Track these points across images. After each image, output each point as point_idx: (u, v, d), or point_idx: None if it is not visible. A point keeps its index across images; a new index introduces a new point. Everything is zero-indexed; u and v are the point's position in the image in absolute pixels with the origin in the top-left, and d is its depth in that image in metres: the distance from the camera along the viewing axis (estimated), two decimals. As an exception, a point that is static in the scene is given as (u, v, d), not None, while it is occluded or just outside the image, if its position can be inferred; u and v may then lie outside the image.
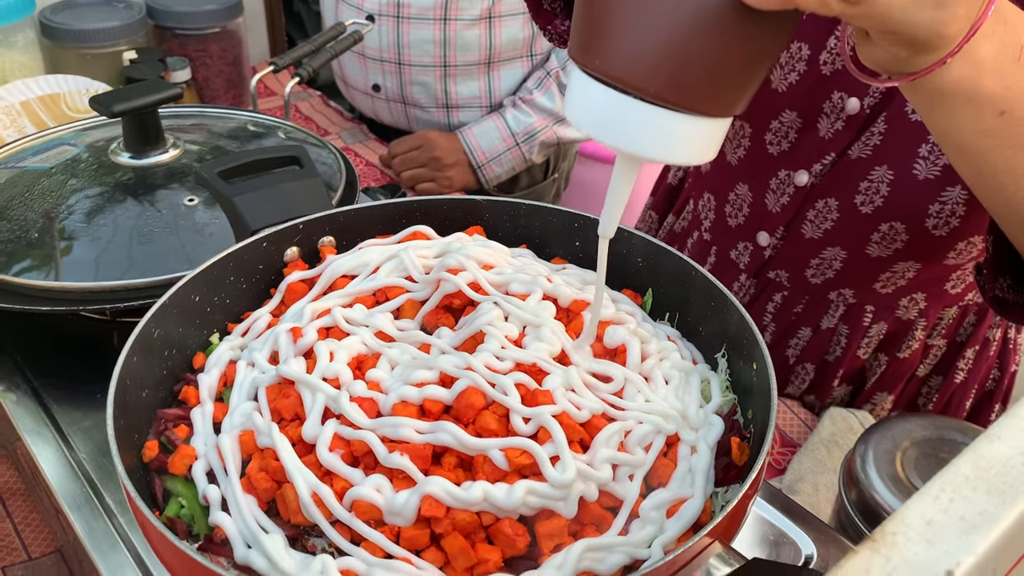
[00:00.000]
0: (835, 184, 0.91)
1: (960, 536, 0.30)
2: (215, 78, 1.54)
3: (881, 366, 1.04)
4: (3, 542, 0.86)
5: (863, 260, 0.93)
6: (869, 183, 0.88)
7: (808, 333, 1.03)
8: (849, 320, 1.00)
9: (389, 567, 0.48)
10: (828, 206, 0.92)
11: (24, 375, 0.83)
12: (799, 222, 0.95)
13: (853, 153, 0.88)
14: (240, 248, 0.68)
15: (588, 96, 0.49)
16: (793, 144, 0.93)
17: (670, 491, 0.54)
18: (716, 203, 1.05)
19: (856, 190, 0.89)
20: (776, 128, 0.93)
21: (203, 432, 0.58)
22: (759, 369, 0.58)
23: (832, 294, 0.99)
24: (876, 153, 0.87)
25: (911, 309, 0.99)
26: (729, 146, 0.99)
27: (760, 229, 0.99)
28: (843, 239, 0.93)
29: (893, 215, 0.88)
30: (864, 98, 0.87)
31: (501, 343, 0.59)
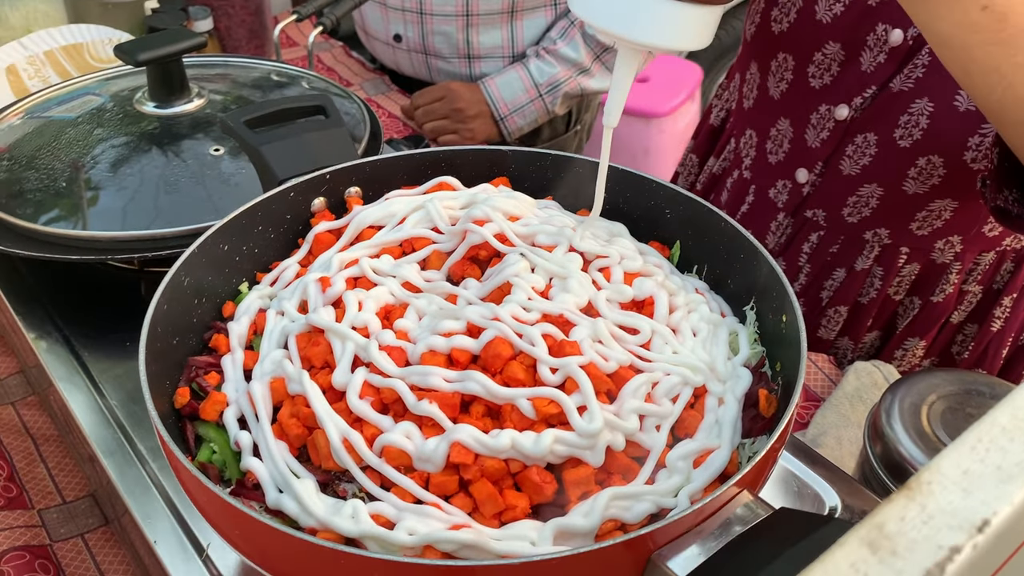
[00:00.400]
0: (875, 118, 0.91)
1: (996, 485, 0.30)
2: (237, 27, 1.53)
3: (914, 309, 1.04)
4: (38, 486, 0.88)
5: (900, 197, 0.93)
6: (909, 116, 0.88)
7: (842, 274, 1.04)
8: (883, 261, 1.01)
9: (419, 512, 0.49)
10: (867, 141, 0.92)
11: (55, 323, 0.85)
12: (838, 158, 0.95)
13: (895, 86, 0.88)
14: (268, 198, 0.68)
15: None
16: (835, 77, 0.93)
17: (697, 442, 0.54)
18: (757, 140, 1.05)
19: (895, 124, 0.89)
20: (819, 61, 0.93)
21: (234, 379, 0.58)
22: (788, 321, 0.58)
23: (868, 234, 0.99)
24: (918, 85, 0.87)
25: (946, 252, 0.99)
26: (772, 79, 0.99)
27: (799, 166, 0.99)
28: (880, 175, 0.93)
29: (932, 148, 0.88)
30: (908, 29, 0.86)
31: (528, 294, 0.59)
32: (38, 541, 0.81)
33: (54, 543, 0.82)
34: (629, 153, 2.52)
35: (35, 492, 0.87)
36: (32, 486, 0.87)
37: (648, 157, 2.54)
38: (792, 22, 0.95)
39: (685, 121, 2.59)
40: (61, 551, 0.81)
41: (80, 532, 0.83)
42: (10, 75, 1.24)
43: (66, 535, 0.83)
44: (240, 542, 0.49)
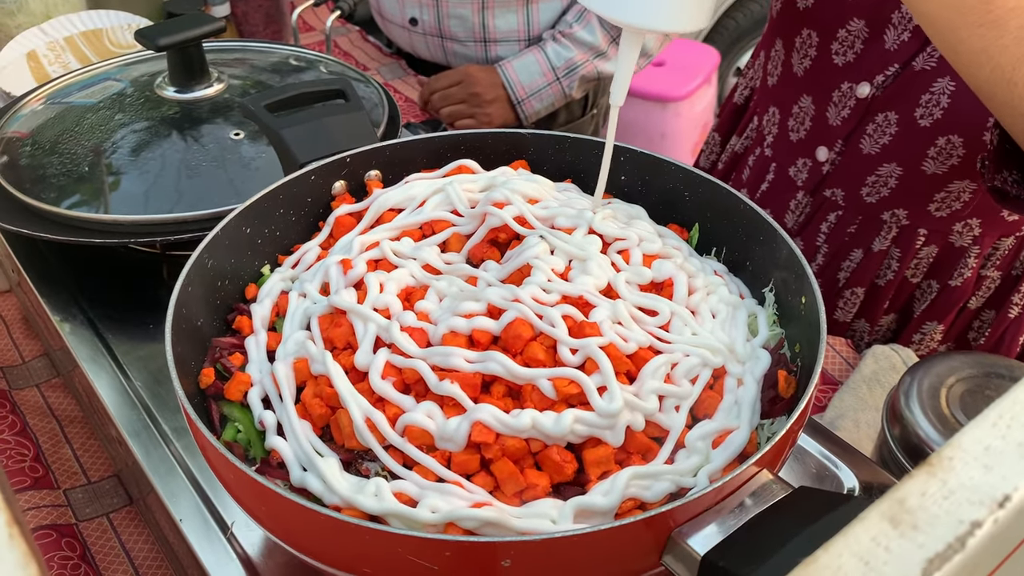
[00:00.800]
0: (896, 96, 0.90)
1: (1018, 461, 0.30)
2: (254, 12, 1.54)
3: (932, 293, 1.04)
4: (64, 466, 0.89)
5: (919, 177, 0.93)
6: (930, 95, 0.88)
7: (860, 255, 1.03)
8: (901, 243, 1.00)
9: (441, 490, 0.50)
10: (888, 120, 0.92)
11: (79, 306, 0.86)
12: (858, 136, 0.95)
13: (917, 64, 0.88)
14: (289, 181, 0.68)
15: None
16: (859, 55, 0.93)
17: (716, 422, 0.54)
18: (780, 117, 1.05)
19: (917, 103, 0.89)
20: (843, 37, 0.93)
21: (257, 360, 0.59)
22: (808, 303, 0.58)
23: (886, 214, 0.99)
24: (940, 64, 0.87)
25: (965, 235, 0.98)
26: (796, 56, 1.00)
27: (820, 144, 0.99)
28: (900, 155, 0.93)
29: (952, 128, 0.88)
30: None
31: (548, 276, 0.60)
32: (64, 520, 0.83)
33: (80, 522, 0.83)
34: (646, 137, 2.51)
35: (60, 472, 0.88)
36: (58, 467, 0.89)
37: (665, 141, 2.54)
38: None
39: (702, 105, 2.58)
40: (87, 530, 0.83)
41: (105, 512, 0.84)
42: (31, 61, 1.25)
43: (91, 515, 0.84)
44: (265, 519, 0.50)
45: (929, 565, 0.27)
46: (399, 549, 0.43)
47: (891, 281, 1.03)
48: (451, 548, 0.42)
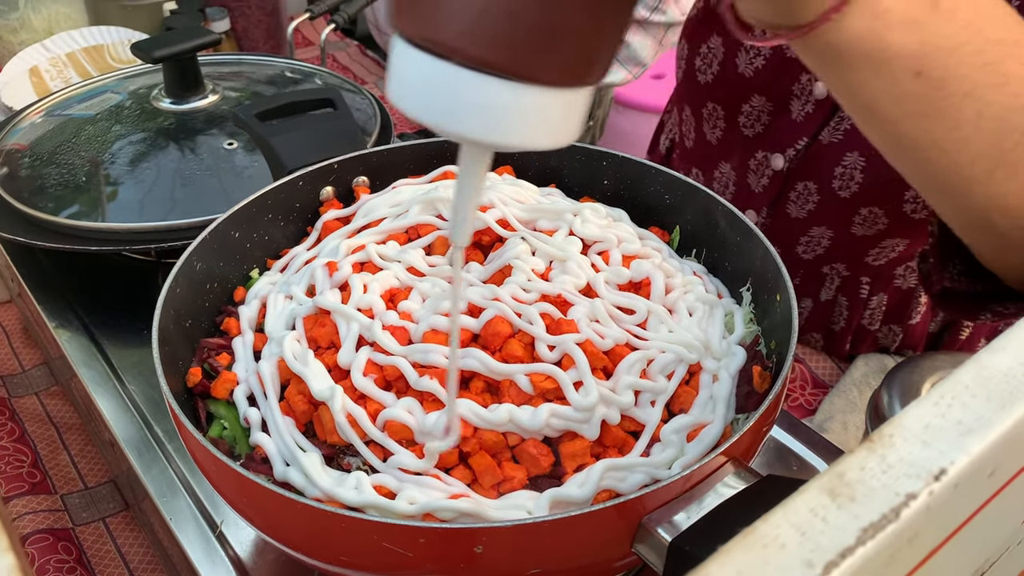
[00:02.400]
0: (811, 168, 0.88)
1: (956, 438, 0.31)
2: (254, 28, 1.56)
3: (897, 336, 1.03)
4: (61, 472, 0.91)
5: (850, 238, 0.91)
6: (843, 168, 0.85)
7: (809, 304, 1.02)
8: (847, 292, 0.99)
9: (419, 483, 0.51)
10: (808, 188, 0.90)
11: (75, 312, 0.87)
12: (783, 203, 0.93)
13: (824, 138, 0.85)
14: (277, 187, 0.70)
15: (410, 69, 0.39)
16: (767, 127, 0.90)
17: (691, 416, 0.55)
18: (704, 179, 1.03)
19: (832, 175, 0.86)
20: (748, 112, 0.91)
21: (244, 359, 0.60)
22: (782, 300, 0.59)
23: (825, 267, 0.97)
24: (847, 138, 0.83)
25: (908, 278, 0.97)
26: (706, 126, 0.98)
27: (748, 207, 0.97)
28: (827, 220, 0.90)
29: (871, 200, 0.85)
30: None
31: (528, 276, 0.61)
32: (61, 524, 0.84)
33: (76, 527, 0.85)
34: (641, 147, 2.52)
35: (58, 478, 0.89)
36: (55, 472, 0.90)
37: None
38: (716, 74, 0.92)
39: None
40: (83, 534, 0.84)
41: (101, 516, 0.86)
42: (33, 76, 1.28)
43: (88, 519, 0.85)
44: (248, 511, 0.51)
45: (863, 534, 0.28)
46: (374, 536, 0.44)
47: (845, 328, 1.02)
48: (425, 534, 0.43)
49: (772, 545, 0.27)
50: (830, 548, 0.27)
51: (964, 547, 0.35)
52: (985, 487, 0.33)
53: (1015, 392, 0.33)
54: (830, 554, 0.27)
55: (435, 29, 0.37)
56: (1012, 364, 0.34)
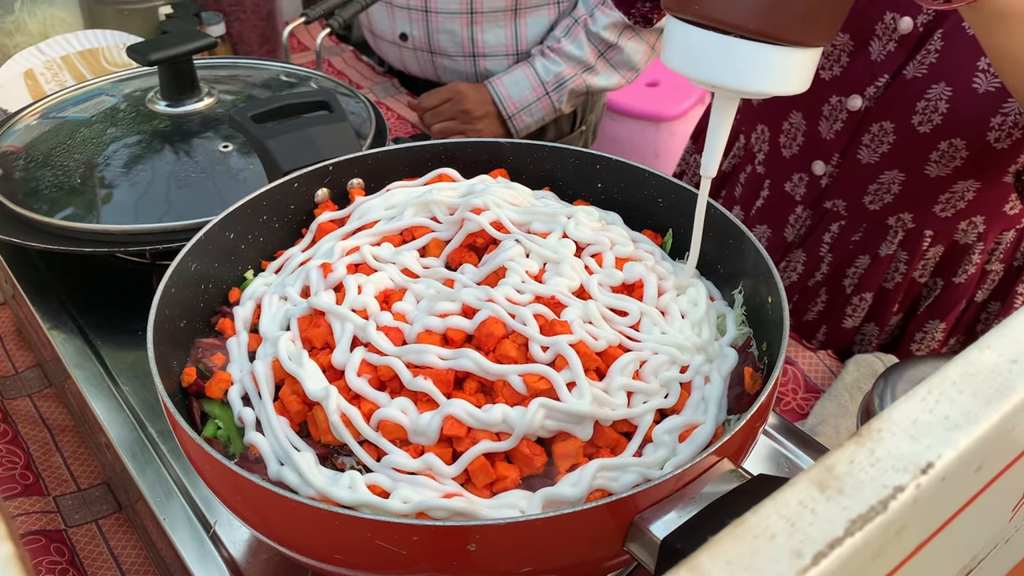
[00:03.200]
0: (891, 106, 0.91)
1: (943, 432, 0.31)
2: (249, 32, 1.57)
3: (936, 290, 1.05)
4: (54, 474, 0.90)
5: (922, 181, 0.94)
6: (927, 102, 0.89)
7: (866, 261, 1.04)
8: (908, 246, 1.01)
9: (413, 482, 0.51)
10: (884, 129, 0.93)
11: (70, 314, 0.87)
12: (855, 147, 0.96)
13: (908, 73, 0.89)
14: (272, 188, 0.70)
15: (689, 41, 0.54)
16: (845, 68, 0.93)
17: (683, 417, 0.56)
18: (770, 134, 1.06)
19: (913, 110, 0.90)
20: (828, 52, 0.94)
21: (239, 360, 0.61)
22: (773, 302, 0.60)
23: (891, 219, 1.00)
24: (932, 71, 0.88)
25: (970, 233, 1.00)
26: None
27: (815, 158, 1.00)
28: (901, 161, 0.94)
29: (953, 132, 0.89)
30: (917, 17, 0.87)
31: (522, 277, 0.62)
32: (53, 526, 0.84)
33: (69, 528, 0.84)
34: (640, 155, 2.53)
35: (51, 480, 0.89)
36: (48, 474, 0.90)
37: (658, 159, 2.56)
38: None
39: (695, 124, 2.60)
40: (75, 536, 0.84)
41: (94, 518, 0.86)
42: (28, 80, 1.28)
43: (80, 520, 0.85)
44: (242, 509, 0.51)
45: (852, 525, 0.28)
46: (368, 534, 0.44)
47: (899, 284, 1.04)
48: (418, 532, 0.44)
49: (762, 536, 0.28)
50: (819, 539, 0.27)
51: (952, 542, 0.36)
52: (972, 482, 0.34)
53: (1001, 388, 0.33)
54: (819, 545, 0.27)
55: (719, 11, 0.51)
56: (998, 361, 0.34)
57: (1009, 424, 0.33)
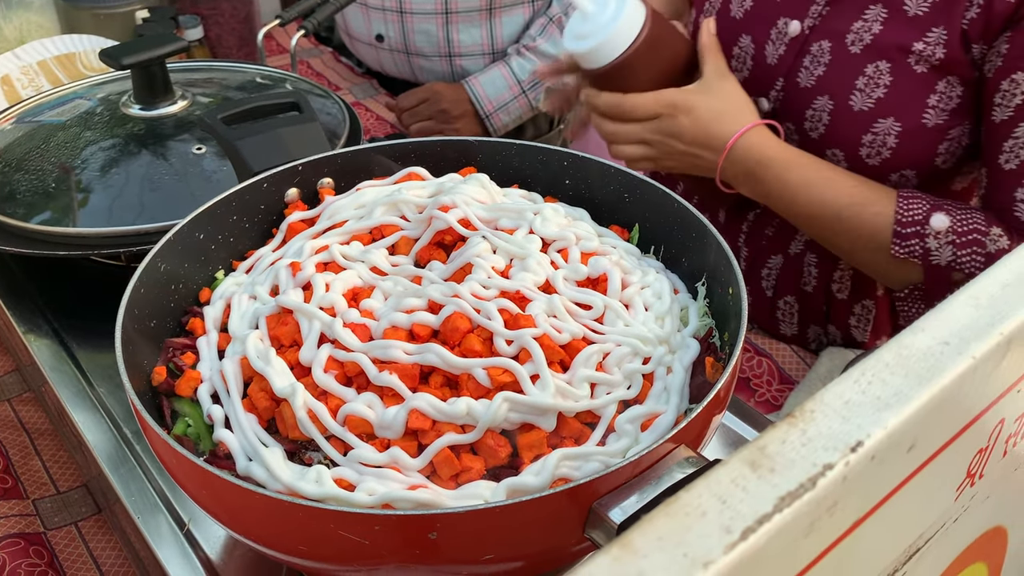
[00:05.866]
0: (788, 112, 0.95)
1: (873, 413, 0.32)
2: (227, 36, 1.57)
3: (869, 312, 1.06)
4: (33, 477, 0.91)
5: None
6: (813, 111, 0.93)
7: (780, 261, 1.07)
8: (815, 247, 1.03)
9: (379, 475, 0.52)
10: (788, 129, 0.96)
11: (45, 317, 0.88)
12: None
13: (801, 81, 0.94)
14: (242, 188, 0.71)
15: None
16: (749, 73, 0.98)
17: (645, 407, 0.57)
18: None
19: (804, 117, 0.94)
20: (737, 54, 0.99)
21: (208, 358, 0.61)
22: (734, 293, 0.61)
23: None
24: (819, 83, 0.92)
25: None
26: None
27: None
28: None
29: (833, 143, 0.93)
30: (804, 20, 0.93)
31: (488, 273, 0.62)
32: (32, 529, 0.84)
33: (48, 531, 0.85)
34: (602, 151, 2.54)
35: (30, 483, 0.90)
36: (27, 477, 0.90)
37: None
38: None
39: None
40: (55, 538, 0.84)
41: (73, 520, 0.86)
42: (4, 85, 1.28)
43: (60, 523, 0.86)
44: (211, 504, 0.52)
45: (780, 502, 0.29)
46: (331, 525, 0.45)
47: (816, 287, 1.07)
48: (380, 522, 0.45)
49: (693, 513, 0.29)
50: (748, 515, 0.28)
51: (892, 521, 0.37)
52: (905, 462, 0.35)
53: (932, 368, 0.34)
54: (748, 520, 0.28)
55: None
56: (931, 343, 0.35)
57: (941, 404, 0.34)
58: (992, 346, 0.35)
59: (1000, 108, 0.84)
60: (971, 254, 0.85)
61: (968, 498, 0.45)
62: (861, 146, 0.90)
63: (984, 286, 0.38)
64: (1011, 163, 0.84)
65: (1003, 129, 0.84)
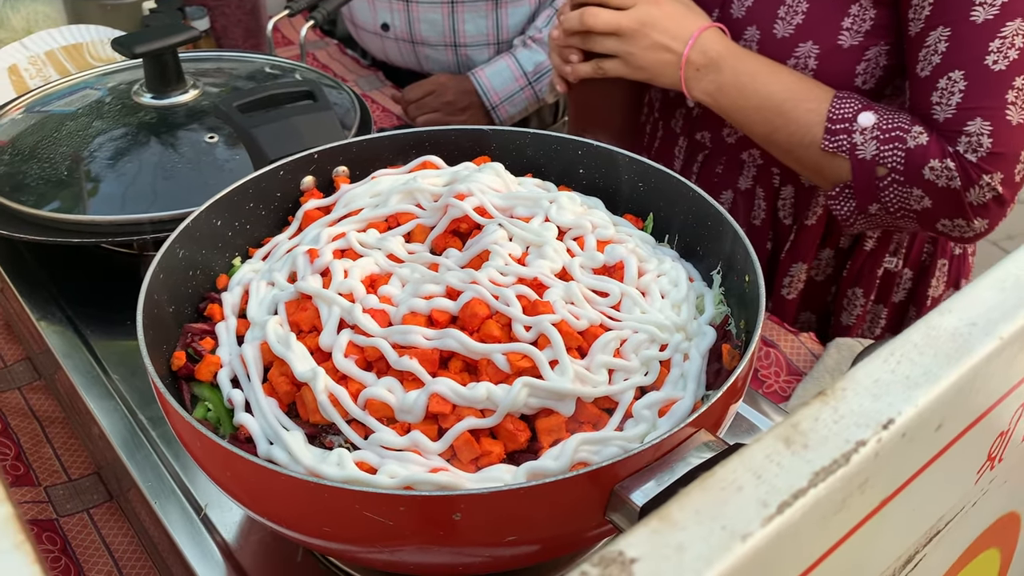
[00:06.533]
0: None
1: (904, 391, 0.33)
2: (233, 27, 1.57)
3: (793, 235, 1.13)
4: (44, 465, 0.91)
5: None
6: (744, 41, 1.02)
7: (730, 196, 1.15)
8: (761, 179, 1.11)
9: (400, 458, 0.52)
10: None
11: (59, 306, 0.88)
12: None
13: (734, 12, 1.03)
14: (258, 176, 0.71)
15: None
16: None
17: (662, 393, 0.57)
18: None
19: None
20: None
21: (228, 343, 0.62)
22: (751, 281, 0.61)
23: (744, 154, 1.11)
24: (748, 13, 1.01)
25: None
26: None
27: None
28: None
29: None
30: None
31: (505, 260, 0.63)
32: (45, 516, 0.85)
33: (60, 517, 0.85)
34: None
35: (41, 470, 0.90)
36: (39, 465, 0.91)
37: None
38: None
39: None
40: (67, 525, 0.85)
41: (85, 507, 0.86)
42: (12, 75, 1.28)
43: (72, 510, 0.86)
44: (233, 486, 0.52)
45: (815, 477, 0.29)
46: (356, 506, 0.45)
47: (764, 220, 1.14)
48: (404, 503, 0.45)
49: (729, 488, 0.29)
50: (784, 489, 0.29)
51: (917, 501, 0.37)
52: (933, 441, 0.35)
53: (960, 349, 0.35)
54: (784, 495, 0.29)
55: None
56: (958, 324, 0.36)
57: (968, 384, 0.35)
58: (1019, 327, 0.35)
59: (913, 22, 0.92)
60: (892, 149, 0.93)
61: (987, 482, 0.45)
62: None
63: (1009, 270, 0.38)
64: (925, 71, 0.92)
65: (917, 40, 0.92)
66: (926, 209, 0.94)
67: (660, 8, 1.00)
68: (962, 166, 0.90)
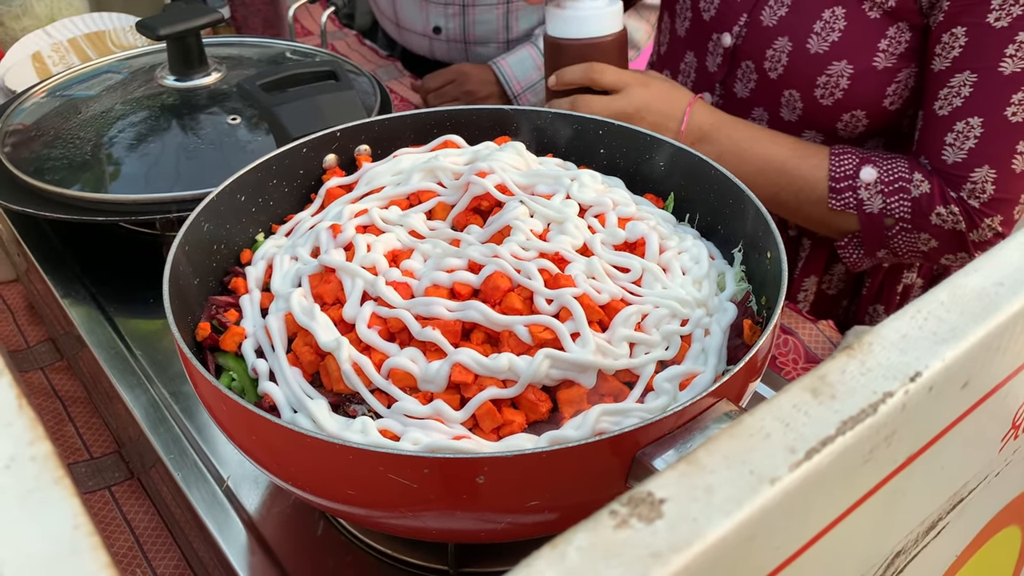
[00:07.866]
0: (750, 49, 1.03)
1: (931, 346, 0.33)
2: (253, 17, 1.58)
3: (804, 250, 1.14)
4: (67, 443, 0.92)
5: (780, 125, 1.05)
6: (773, 51, 1.00)
7: None
8: None
9: (423, 426, 0.53)
10: (748, 68, 1.04)
11: (83, 284, 0.89)
12: (731, 82, 1.08)
13: (764, 19, 1.01)
14: (281, 153, 0.72)
15: None
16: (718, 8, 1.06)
17: (683, 367, 0.57)
18: (671, 74, 1.19)
19: (764, 56, 1.01)
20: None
21: (252, 315, 0.62)
22: (773, 258, 0.61)
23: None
24: (781, 23, 1.00)
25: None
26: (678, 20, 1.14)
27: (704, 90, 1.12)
28: (763, 101, 1.05)
29: (791, 84, 1.00)
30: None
31: (527, 235, 0.63)
32: (67, 492, 0.86)
33: (83, 494, 0.86)
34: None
35: (63, 449, 0.91)
36: (60, 443, 0.92)
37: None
38: None
39: None
40: (89, 502, 0.86)
41: (107, 485, 0.87)
42: (36, 62, 1.29)
43: (93, 487, 0.87)
44: (258, 451, 0.53)
45: (843, 426, 0.30)
46: (380, 468, 0.46)
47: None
48: (428, 464, 0.45)
49: (757, 435, 0.29)
50: (811, 437, 0.29)
51: (942, 462, 0.37)
52: (960, 398, 0.35)
53: (987, 307, 0.35)
54: (811, 442, 0.29)
55: None
56: (984, 284, 0.36)
57: (994, 342, 0.35)
58: (1046, 286, 0.35)
59: (939, 58, 0.92)
60: (898, 201, 0.95)
61: (1011, 452, 0.45)
62: (816, 87, 0.98)
63: (1035, 232, 0.38)
64: (944, 110, 0.92)
65: (941, 78, 0.92)
66: (932, 249, 0.97)
67: (650, 90, 0.99)
68: (965, 211, 0.93)
